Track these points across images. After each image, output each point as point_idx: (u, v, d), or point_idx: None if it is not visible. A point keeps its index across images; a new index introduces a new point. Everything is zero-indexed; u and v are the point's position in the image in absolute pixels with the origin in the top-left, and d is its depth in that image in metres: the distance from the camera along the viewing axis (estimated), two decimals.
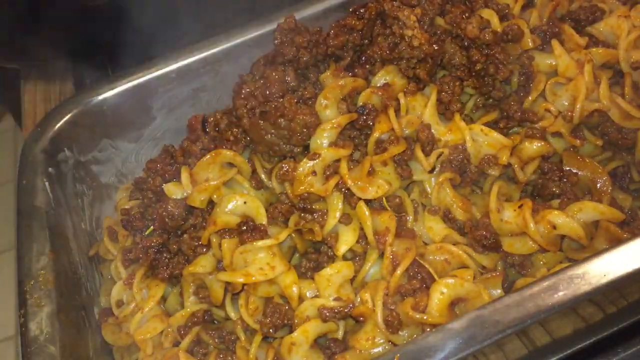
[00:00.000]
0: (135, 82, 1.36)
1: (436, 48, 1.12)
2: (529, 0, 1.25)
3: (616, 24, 1.17)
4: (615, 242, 0.99)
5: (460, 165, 1.09)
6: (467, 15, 1.15)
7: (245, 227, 1.06)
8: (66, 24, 1.38)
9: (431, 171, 1.09)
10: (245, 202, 1.08)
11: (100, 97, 1.35)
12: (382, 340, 0.96)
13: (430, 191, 1.09)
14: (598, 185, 1.09)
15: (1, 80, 1.76)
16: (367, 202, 1.05)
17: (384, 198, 1.07)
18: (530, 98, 1.13)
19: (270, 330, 1.01)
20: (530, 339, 0.94)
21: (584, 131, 1.14)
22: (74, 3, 1.38)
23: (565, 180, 1.10)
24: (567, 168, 1.12)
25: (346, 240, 1.04)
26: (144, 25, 1.39)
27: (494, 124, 1.14)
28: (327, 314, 0.98)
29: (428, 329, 0.93)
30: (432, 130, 1.10)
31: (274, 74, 1.15)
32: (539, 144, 1.10)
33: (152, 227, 1.20)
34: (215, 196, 1.11)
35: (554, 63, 1.15)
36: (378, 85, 1.13)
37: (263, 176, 1.13)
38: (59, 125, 1.31)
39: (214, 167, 1.13)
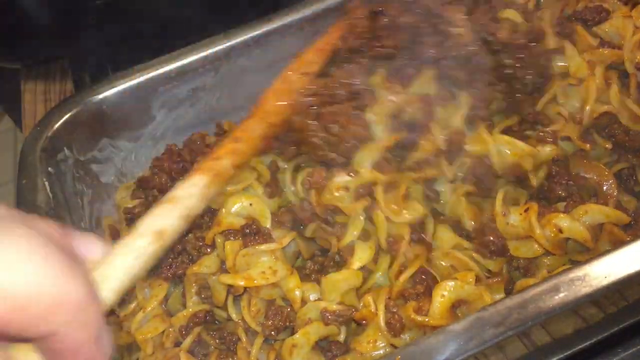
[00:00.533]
0: (134, 81, 1.35)
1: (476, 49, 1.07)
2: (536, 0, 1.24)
3: (622, 24, 1.16)
4: (618, 244, 0.98)
5: (482, 176, 1.07)
6: (492, 17, 1.12)
7: (248, 230, 1.06)
8: (66, 23, 1.38)
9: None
10: (251, 204, 1.08)
11: (100, 97, 1.34)
12: (383, 344, 0.96)
13: (445, 201, 1.08)
14: (604, 188, 1.08)
15: (1, 80, 1.76)
16: None
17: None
18: (543, 100, 1.12)
19: (272, 332, 1.01)
20: (531, 340, 0.94)
21: (594, 134, 1.13)
22: (74, 3, 1.38)
23: (571, 183, 1.09)
24: (574, 171, 1.11)
25: (361, 258, 1.02)
26: (144, 25, 1.38)
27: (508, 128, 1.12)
28: (329, 317, 0.98)
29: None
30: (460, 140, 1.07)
31: (341, 71, 1.10)
32: (551, 148, 1.08)
33: None
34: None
35: (565, 64, 1.14)
36: (418, 95, 1.08)
37: (287, 177, 1.11)
38: (58, 124, 1.31)
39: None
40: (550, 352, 0.99)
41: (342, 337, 1.00)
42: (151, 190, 1.23)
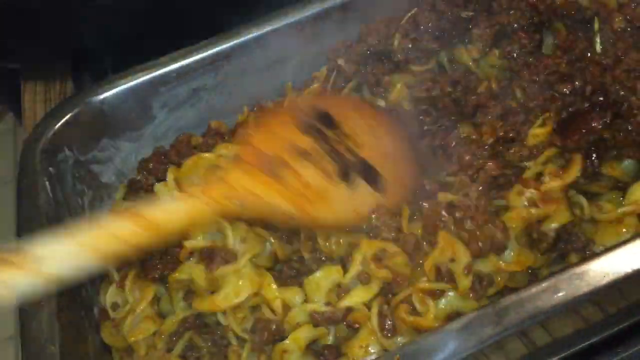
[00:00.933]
0: (135, 82, 1.35)
1: None
2: None
3: None
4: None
5: None
6: None
7: (209, 253, 1.04)
8: (66, 23, 1.38)
9: None
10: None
11: (100, 97, 1.34)
12: (375, 349, 0.95)
13: None
14: None
15: (1, 80, 1.76)
16: None
17: None
18: None
19: (262, 347, 1.00)
20: (530, 339, 0.93)
21: None
22: (74, 2, 1.38)
23: None
24: None
25: (353, 297, 0.99)
26: (143, 25, 1.38)
27: None
28: (319, 318, 0.97)
29: None
30: None
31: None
32: None
33: None
34: None
35: None
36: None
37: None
38: (59, 124, 1.31)
39: (196, 171, 1.12)
40: (550, 352, 0.99)
41: (331, 339, 0.99)
42: (138, 192, 1.23)
